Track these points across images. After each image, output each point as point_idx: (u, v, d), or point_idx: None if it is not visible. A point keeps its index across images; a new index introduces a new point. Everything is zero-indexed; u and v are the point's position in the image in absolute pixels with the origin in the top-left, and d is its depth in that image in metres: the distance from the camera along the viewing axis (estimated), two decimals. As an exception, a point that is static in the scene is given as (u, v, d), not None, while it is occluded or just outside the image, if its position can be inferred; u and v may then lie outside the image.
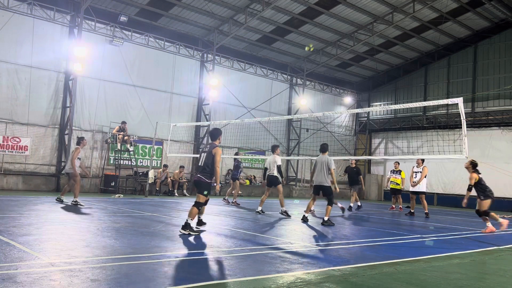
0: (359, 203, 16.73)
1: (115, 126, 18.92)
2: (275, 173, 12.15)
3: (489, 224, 10.49)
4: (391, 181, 17.88)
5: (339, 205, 14.07)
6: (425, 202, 15.04)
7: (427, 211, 14.76)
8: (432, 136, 24.09)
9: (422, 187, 14.92)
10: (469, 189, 10.39)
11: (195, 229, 7.60)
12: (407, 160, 22.74)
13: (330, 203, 10.31)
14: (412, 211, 15.20)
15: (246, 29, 21.86)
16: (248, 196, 22.02)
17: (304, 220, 10.46)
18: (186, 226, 7.31)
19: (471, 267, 6.00)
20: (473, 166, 10.44)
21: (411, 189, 15.19)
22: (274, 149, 12.50)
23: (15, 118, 17.03)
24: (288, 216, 11.56)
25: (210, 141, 8.03)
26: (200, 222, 8.23)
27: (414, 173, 15.14)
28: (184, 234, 7.20)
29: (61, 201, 11.85)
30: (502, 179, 23.08)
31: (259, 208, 12.30)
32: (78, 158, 11.73)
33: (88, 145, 18.84)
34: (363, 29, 23.35)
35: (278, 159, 12.25)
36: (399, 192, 17.84)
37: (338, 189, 10.61)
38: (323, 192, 10.37)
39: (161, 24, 20.85)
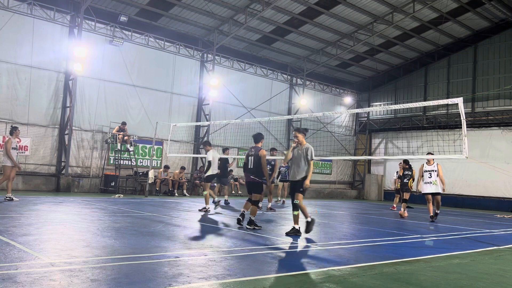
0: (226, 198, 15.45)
1: (115, 126, 18.92)
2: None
3: None
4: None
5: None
6: (440, 202, 13.36)
7: (438, 211, 13.31)
8: (432, 136, 24.09)
9: (439, 188, 13.03)
10: None
11: (258, 224, 8.66)
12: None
13: None
14: (432, 215, 13.03)
15: (246, 29, 21.86)
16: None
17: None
18: (251, 222, 8.47)
19: (471, 267, 6.00)
20: None
21: (427, 190, 13.09)
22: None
23: (15, 118, 17.02)
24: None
25: (253, 144, 8.98)
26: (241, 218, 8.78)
27: (428, 172, 13.13)
28: (249, 228, 8.34)
29: (11, 199, 11.43)
30: (502, 179, 23.10)
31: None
32: (13, 148, 11.49)
33: (88, 145, 18.87)
34: (363, 29, 23.35)
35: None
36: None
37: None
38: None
39: (161, 24, 20.85)
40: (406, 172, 14.71)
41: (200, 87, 22.39)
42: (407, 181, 14.51)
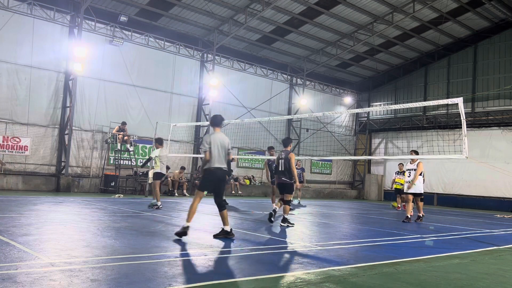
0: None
1: (115, 126, 18.92)
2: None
3: None
4: (395, 182, 18.30)
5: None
6: (420, 204, 12.68)
7: (420, 214, 12.56)
8: (432, 136, 24.10)
9: (418, 188, 12.38)
10: None
11: (290, 221, 9.47)
12: (407, 160, 22.75)
13: None
14: (409, 215, 12.38)
15: (246, 29, 21.86)
16: (248, 196, 22.03)
17: None
18: (285, 220, 9.30)
19: (471, 267, 6.00)
20: None
21: (405, 190, 12.73)
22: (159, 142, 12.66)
23: (15, 118, 17.03)
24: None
25: (283, 148, 9.75)
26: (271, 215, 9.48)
27: (408, 171, 12.70)
28: (283, 225, 9.15)
29: None
30: (502, 179, 23.09)
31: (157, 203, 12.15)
32: None
33: (88, 145, 18.87)
34: (363, 29, 23.35)
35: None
36: (403, 192, 18.36)
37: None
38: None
39: (161, 24, 20.85)
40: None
41: (200, 87, 22.39)
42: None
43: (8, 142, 16.80)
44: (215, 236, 7.06)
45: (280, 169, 9.53)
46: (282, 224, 9.24)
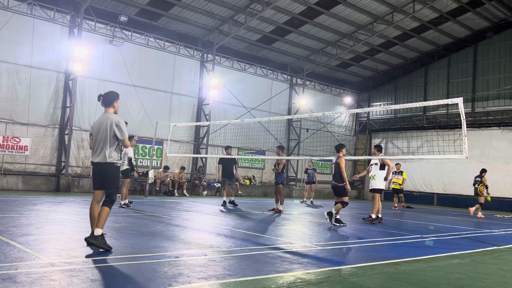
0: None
1: (115, 126, 18.90)
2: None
3: None
4: (393, 182, 18.42)
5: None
6: (378, 203, 11.65)
7: (374, 215, 11.52)
8: (432, 136, 24.07)
9: (378, 183, 11.57)
10: None
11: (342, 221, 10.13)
12: (407, 160, 22.79)
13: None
14: (379, 215, 11.61)
15: (246, 29, 21.86)
16: (248, 196, 22.03)
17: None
18: (338, 221, 9.98)
19: (471, 267, 6.00)
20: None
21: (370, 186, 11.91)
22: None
23: (15, 118, 17.02)
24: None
25: (336, 153, 10.42)
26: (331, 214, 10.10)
27: (371, 166, 11.89)
28: (336, 226, 9.81)
29: None
30: (502, 179, 23.08)
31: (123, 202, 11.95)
32: None
33: (88, 145, 18.86)
34: (363, 29, 23.34)
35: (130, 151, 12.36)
36: (400, 192, 18.61)
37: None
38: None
39: (161, 24, 20.85)
40: (477, 179, 16.61)
41: (200, 87, 22.39)
42: (477, 186, 16.46)
43: (8, 142, 16.79)
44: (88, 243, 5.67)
45: (333, 173, 10.42)
46: (335, 224, 9.90)
